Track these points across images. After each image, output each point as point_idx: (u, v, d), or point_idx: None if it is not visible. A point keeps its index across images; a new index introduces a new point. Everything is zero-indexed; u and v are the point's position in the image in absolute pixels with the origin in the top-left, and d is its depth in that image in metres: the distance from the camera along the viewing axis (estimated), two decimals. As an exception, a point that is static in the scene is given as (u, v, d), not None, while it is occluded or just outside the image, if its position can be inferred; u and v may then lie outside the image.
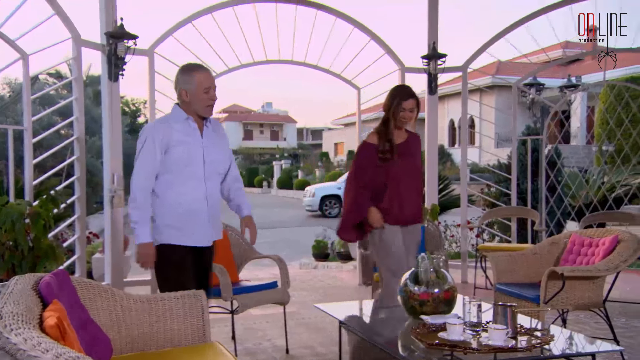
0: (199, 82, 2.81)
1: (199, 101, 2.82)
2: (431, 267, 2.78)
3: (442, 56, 6.31)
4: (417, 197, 3.65)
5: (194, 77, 2.81)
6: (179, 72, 2.88)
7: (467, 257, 6.54)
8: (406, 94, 3.49)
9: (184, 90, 2.83)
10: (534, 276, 4.08)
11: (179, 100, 2.89)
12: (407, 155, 3.55)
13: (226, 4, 5.94)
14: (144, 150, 2.80)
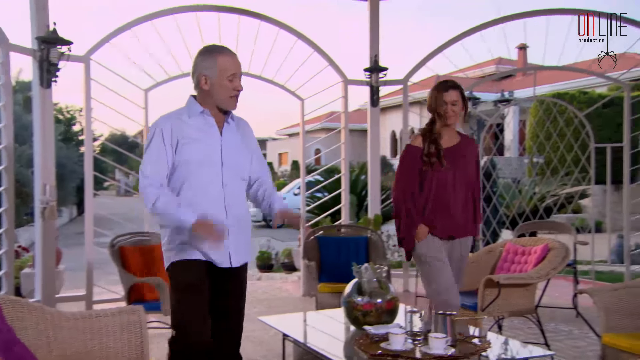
0: (222, 67, 2.34)
1: (221, 90, 2.36)
2: (374, 277, 2.81)
3: (383, 69, 6.45)
4: (466, 208, 3.19)
5: (216, 61, 2.34)
6: (198, 55, 2.41)
7: (409, 266, 6.66)
8: (447, 86, 3.11)
9: (204, 77, 2.36)
10: (472, 284, 4.20)
11: (195, 90, 2.44)
12: (457, 160, 3.13)
13: (167, 11, 5.83)
14: (152, 145, 2.37)
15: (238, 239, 2.43)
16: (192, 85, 2.47)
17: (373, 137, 6.69)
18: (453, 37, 6.55)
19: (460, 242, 3.22)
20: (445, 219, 3.11)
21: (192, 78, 2.43)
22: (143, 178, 2.35)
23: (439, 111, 3.11)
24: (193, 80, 2.42)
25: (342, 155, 6.69)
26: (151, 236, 4.45)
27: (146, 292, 4.00)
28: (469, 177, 3.19)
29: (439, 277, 3.08)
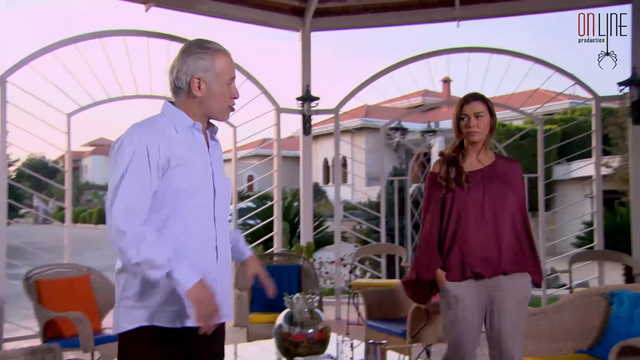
0: (221, 69, 1.84)
1: (219, 98, 1.85)
2: (305, 307, 2.79)
3: (315, 98, 6.56)
4: (503, 239, 2.54)
5: (214, 60, 1.83)
6: (187, 51, 1.84)
7: (340, 294, 6.69)
8: (468, 96, 2.65)
9: (197, 80, 1.81)
10: (402, 311, 4.28)
11: (175, 95, 1.86)
12: (488, 184, 2.57)
13: (93, 35, 5.66)
14: (131, 167, 1.72)
15: (224, 288, 1.89)
16: (169, 89, 1.89)
17: (305, 164, 6.74)
18: (382, 70, 6.78)
19: (502, 283, 2.54)
20: (469, 255, 2.52)
21: (175, 80, 1.84)
22: (124, 213, 1.69)
23: (460, 127, 2.61)
24: (175, 82, 1.84)
25: (275, 182, 6.68)
26: (71, 268, 4.21)
27: (64, 328, 3.75)
28: (508, 204, 2.56)
29: (453, 330, 2.57)
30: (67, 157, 5.57)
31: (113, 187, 1.73)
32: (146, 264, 1.66)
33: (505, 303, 2.53)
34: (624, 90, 5.65)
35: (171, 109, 1.86)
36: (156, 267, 1.66)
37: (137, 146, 1.74)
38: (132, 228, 1.68)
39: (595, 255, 5.81)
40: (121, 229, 1.68)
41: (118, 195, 1.71)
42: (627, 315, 3.03)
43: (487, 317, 2.58)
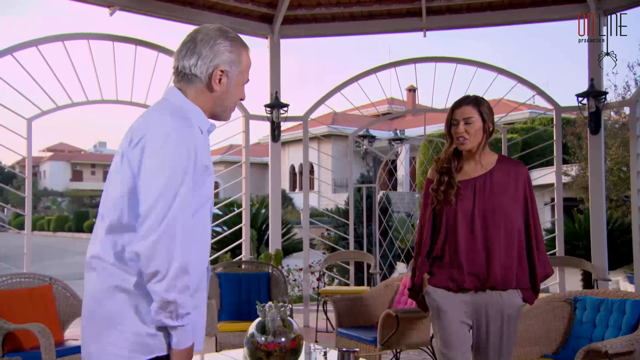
0: (246, 66, 1.67)
1: (233, 97, 1.67)
2: (278, 316, 2.77)
3: (284, 105, 6.55)
4: (496, 251, 2.37)
5: (241, 55, 1.65)
6: (215, 39, 1.61)
7: (309, 301, 6.67)
8: (458, 101, 2.46)
9: (221, 72, 1.61)
10: (372, 318, 4.30)
11: (187, 86, 1.62)
12: (482, 192, 2.39)
13: (55, 38, 5.52)
14: (187, 183, 1.47)
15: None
16: (175, 74, 1.64)
17: (274, 171, 6.72)
18: (351, 78, 6.83)
19: (489, 298, 2.39)
20: (457, 269, 2.40)
21: (192, 67, 1.59)
22: (181, 272, 1.43)
23: (452, 133, 2.44)
24: (192, 69, 1.59)
25: (243, 189, 6.63)
26: (32, 277, 4.06)
27: (24, 340, 3.60)
28: (503, 216, 2.37)
29: (440, 339, 2.46)
30: (27, 163, 5.38)
31: (159, 194, 1.42)
32: (175, 307, 1.43)
33: (491, 320, 2.39)
34: (583, 102, 5.85)
35: (189, 103, 1.60)
36: (180, 316, 1.45)
37: (190, 147, 1.48)
38: (180, 261, 1.43)
39: (557, 261, 5.97)
40: (174, 288, 1.42)
41: (168, 212, 1.42)
42: (590, 320, 3.12)
43: (473, 332, 2.46)
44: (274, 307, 2.80)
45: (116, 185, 1.53)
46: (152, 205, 1.42)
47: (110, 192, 1.56)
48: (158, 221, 1.41)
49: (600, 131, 5.88)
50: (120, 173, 1.53)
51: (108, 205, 1.56)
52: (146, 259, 1.41)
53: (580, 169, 11.64)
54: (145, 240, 1.41)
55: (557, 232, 6.16)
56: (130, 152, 1.50)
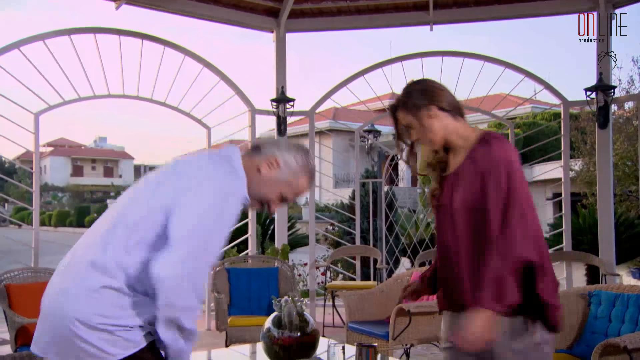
0: (301, 185, 1.79)
1: (270, 193, 1.77)
2: (294, 310, 2.77)
3: (290, 100, 6.52)
4: (466, 260, 1.86)
5: (302, 175, 1.78)
6: (295, 151, 1.79)
7: (315, 296, 6.67)
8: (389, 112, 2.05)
9: (276, 161, 1.75)
10: (382, 313, 4.29)
11: (249, 152, 1.78)
12: (453, 192, 1.91)
13: (61, 32, 5.48)
14: (225, 217, 1.62)
15: None
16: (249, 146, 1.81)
17: (280, 167, 6.69)
18: (357, 72, 6.80)
19: (461, 320, 1.80)
20: (440, 284, 2.03)
21: (262, 145, 1.78)
22: (198, 305, 1.60)
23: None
24: (264, 149, 1.77)
25: (249, 184, 6.60)
26: (43, 272, 4.05)
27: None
28: (466, 215, 1.86)
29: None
30: (35, 158, 5.36)
31: (194, 235, 1.54)
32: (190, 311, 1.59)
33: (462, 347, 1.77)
34: (591, 96, 5.83)
35: (241, 169, 1.71)
36: (190, 336, 1.64)
37: (235, 196, 1.65)
38: (196, 287, 1.57)
39: (564, 256, 5.97)
40: (185, 290, 1.54)
41: (197, 244, 1.55)
42: (605, 315, 3.11)
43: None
44: (291, 302, 2.79)
45: (142, 205, 1.65)
46: (186, 241, 1.54)
47: (135, 208, 1.65)
48: (188, 258, 1.53)
49: (609, 125, 5.86)
50: (154, 197, 1.64)
51: (131, 219, 1.63)
52: (169, 289, 1.51)
53: (584, 164, 11.63)
54: (172, 269, 1.51)
55: (565, 227, 6.15)
56: (175, 186, 1.62)
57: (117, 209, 1.70)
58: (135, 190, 1.74)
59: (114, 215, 1.67)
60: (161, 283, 1.49)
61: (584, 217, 8.94)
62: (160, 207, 1.59)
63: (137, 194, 1.70)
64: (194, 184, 1.61)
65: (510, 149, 1.84)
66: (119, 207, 1.70)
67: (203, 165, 1.67)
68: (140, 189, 1.72)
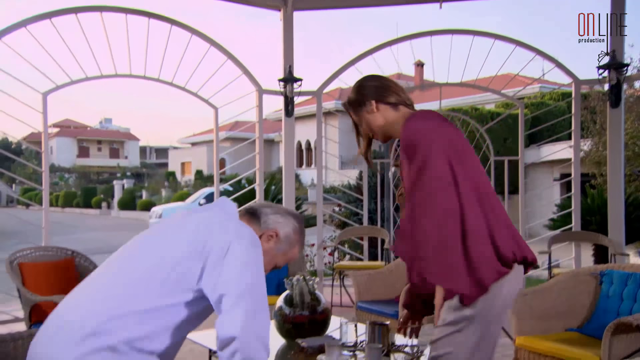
0: (293, 254, 1.87)
1: (266, 264, 1.79)
2: (306, 289, 2.77)
3: (297, 80, 6.47)
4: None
5: (294, 243, 1.85)
6: (290, 213, 1.86)
7: (323, 276, 6.70)
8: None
9: (276, 234, 1.80)
10: (391, 293, 4.31)
11: (247, 218, 1.80)
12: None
13: (68, 10, 5.43)
14: (261, 265, 1.68)
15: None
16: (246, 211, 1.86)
17: (288, 147, 6.68)
18: (365, 51, 6.72)
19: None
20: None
21: (264, 214, 1.82)
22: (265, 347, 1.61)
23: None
24: (263, 215, 1.81)
25: (257, 165, 6.60)
26: (55, 251, 4.07)
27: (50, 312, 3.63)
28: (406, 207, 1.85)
29: None
30: (43, 138, 5.36)
31: (247, 278, 1.58)
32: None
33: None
34: (604, 74, 5.75)
35: (259, 242, 1.71)
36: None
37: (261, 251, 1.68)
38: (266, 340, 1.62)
39: (574, 236, 5.95)
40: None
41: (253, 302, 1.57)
42: (617, 294, 3.11)
43: None
44: (302, 281, 2.79)
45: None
46: (246, 295, 1.57)
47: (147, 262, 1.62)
48: (252, 311, 1.57)
49: (621, 104, 5.79)
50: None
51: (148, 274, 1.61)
52: (243, 345, 1.53)
53: (593, 144, 11.53)
54: (242, 325, 1.53)
55: (574, 207, 6.12)
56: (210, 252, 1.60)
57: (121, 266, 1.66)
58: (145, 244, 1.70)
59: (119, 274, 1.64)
60: (236, 341, 1.50)
61: (593, 198, 8.90)
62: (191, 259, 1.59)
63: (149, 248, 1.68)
64: (228, 241, 1.60)
65: (418, 126, 1.80)
66: (124, 263, 1.66)
67: (223, 221, 1.68)
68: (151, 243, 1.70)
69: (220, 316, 1.54)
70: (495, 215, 1.79)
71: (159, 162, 45.01)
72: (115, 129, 51.06)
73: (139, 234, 1.77)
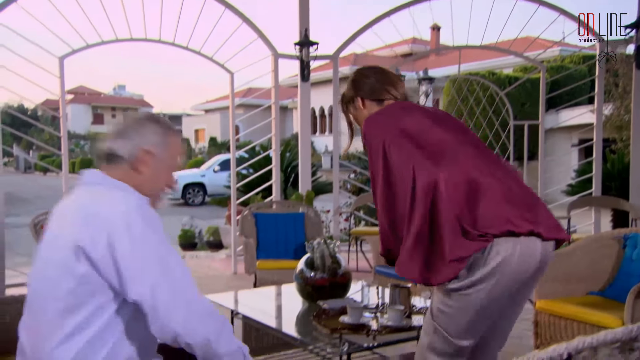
0: (176, 150, 1.64)
1: (160, 181, 1.62)
2: (327, 252, 2.78)
3: (314, 43, 6.36)
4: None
5: (170, 138, 1.61)
6: (142, 122, 1.61)
7: (339, 240, 6.73)
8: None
9: (145, 151, 1.56)
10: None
11: (108, 164, 1.58)
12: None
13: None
14: (159, 230, 1.53)
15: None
16: (96, 157, 1.62)
17: (303, 112, 6.62)
18: (382, 14, 6.57)
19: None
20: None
21: (118, 149, 1.56)
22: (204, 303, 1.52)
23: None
24: (119, 151, 1.56)
25: (273, 130, 6.57)
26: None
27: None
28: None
29: None
30: (61, 102, 5.38)
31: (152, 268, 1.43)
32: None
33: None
34: (630, 34, 5.56)
35: (129, 191, 1.53)
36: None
37: (147, 210, 1.51)
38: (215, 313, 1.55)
39: (594, 201, 5.88)
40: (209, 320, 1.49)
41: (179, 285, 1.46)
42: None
43: None
44: (323, 244, 2.80)
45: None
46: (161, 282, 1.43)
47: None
48: (175, 291, 1.46)
49: (646, 66, 5.63)
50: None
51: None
52: (192, 331, 1.45)
53: (614, 108, 11.28)
54: (177, 315, 1.43)
55: (595, 172, 6.03)
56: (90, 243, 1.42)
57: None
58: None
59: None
60: (182, 332, 1.42)
61: (613, 163, 8.76)
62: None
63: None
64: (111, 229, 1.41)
65: (367, 124, 1.89)
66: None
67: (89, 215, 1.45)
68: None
69: (151, 325, 1.43)
70: (479, 187, 1.70)
71: (173, 129, 44.90)
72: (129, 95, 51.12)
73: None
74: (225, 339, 1.47)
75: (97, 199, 1.48)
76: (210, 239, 8.09)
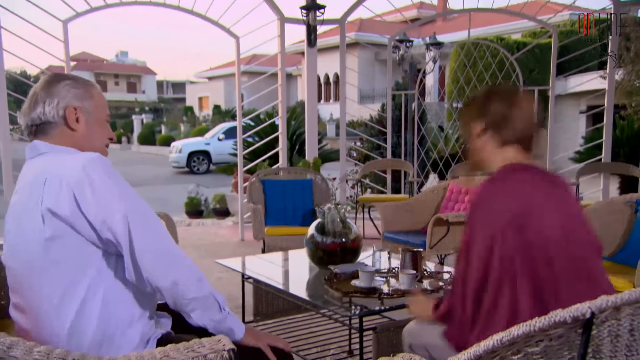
0: (100, 100, 1.60)
1: (99, 135, 1.59)
2: (338, 217, 2.77)
3: (321, 7, 6.23)
4: None
5: (89, 90, 1.57)
6: (53, 83, 1.55)
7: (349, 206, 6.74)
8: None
9: (71, 108, 1.53)
10: (417, 224, 4.32)
11: (42, 134, 1.54)
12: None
13: None
14: (119, 180, 1.49)
15: None
16: (27, 132, 1.56)
17: (310, 79, 6.54)
18: (391, -25, 6.42)
19: None
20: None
21: (41, 115, 1.52)
22: (182, 256, 1.49)
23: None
24: (42, 117, 1.52)
25: (280, 97, 6.50)
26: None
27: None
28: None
29: None
30: (66, 67, 5.31)
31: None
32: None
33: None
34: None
35: (65, 150, 1.50)
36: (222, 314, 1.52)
37: (101, 161, 1.47)
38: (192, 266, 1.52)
39: (603, 167, 5.83)
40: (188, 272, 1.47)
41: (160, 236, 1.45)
42: (652, 223, 3.06)
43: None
44: (334, 209, 2.79)
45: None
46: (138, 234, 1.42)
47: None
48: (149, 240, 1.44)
49: (662, 30, 5.49)
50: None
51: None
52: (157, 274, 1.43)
53: (625, 73, 11.08)
54: (152, 265, 1.43)
55: (605, 138, 5.97)
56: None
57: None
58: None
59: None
60: (152, 272, 1.41)
61: (622, 129, 8.67)
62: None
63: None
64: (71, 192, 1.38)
65: (483, 196, 1.60)
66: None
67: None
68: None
69: (126, 269, 1.43)
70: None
71: (176, 96, 44.81)
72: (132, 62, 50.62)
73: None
74: (195, 285, 1.45)
75: (51, 164, 1.45)
76: (217, 207, 8.13)
